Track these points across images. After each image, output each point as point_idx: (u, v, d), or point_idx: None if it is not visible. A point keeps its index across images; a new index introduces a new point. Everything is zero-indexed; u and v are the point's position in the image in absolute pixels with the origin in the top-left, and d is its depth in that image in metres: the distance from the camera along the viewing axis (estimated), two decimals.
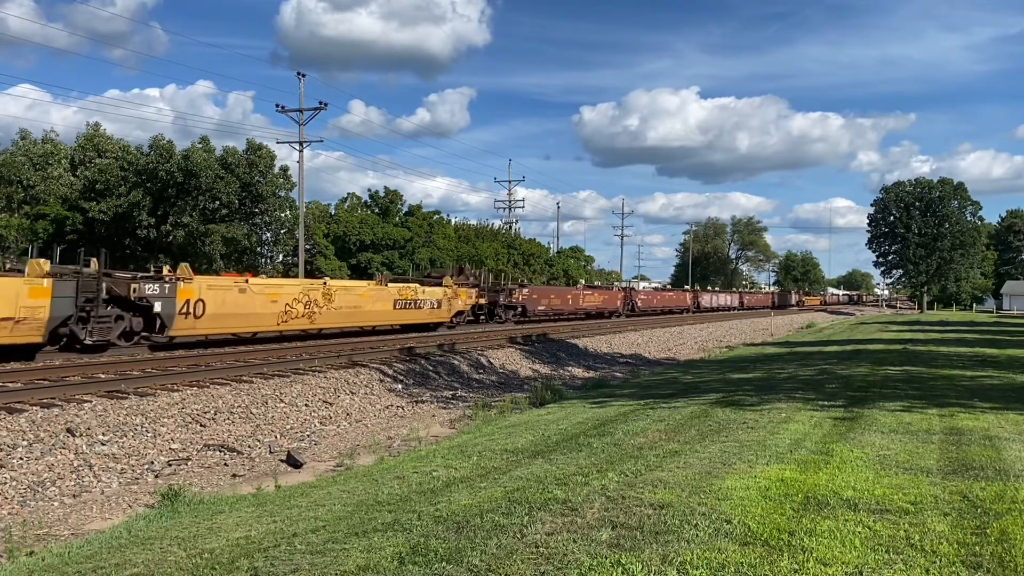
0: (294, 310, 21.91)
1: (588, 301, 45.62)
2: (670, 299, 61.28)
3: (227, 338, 21.71)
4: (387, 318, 26.95)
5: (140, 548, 5.82)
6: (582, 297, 45.21)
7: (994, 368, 18.34)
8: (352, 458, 10.60)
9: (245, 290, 20.47)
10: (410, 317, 28.06)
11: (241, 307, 20.37)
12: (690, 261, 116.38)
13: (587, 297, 46.04)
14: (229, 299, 20.03)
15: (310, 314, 22.48)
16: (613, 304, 48.84)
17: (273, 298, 21.40)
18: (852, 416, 10.00)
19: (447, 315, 30.20)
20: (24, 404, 11.28)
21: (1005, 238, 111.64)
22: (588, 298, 45.97)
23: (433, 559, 4.55)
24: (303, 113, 40.18)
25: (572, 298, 43.85)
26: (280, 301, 21.44)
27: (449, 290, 30.52)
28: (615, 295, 50.39)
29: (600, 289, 51.94)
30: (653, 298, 58.45)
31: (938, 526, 5.03)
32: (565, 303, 42.74)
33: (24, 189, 39.75)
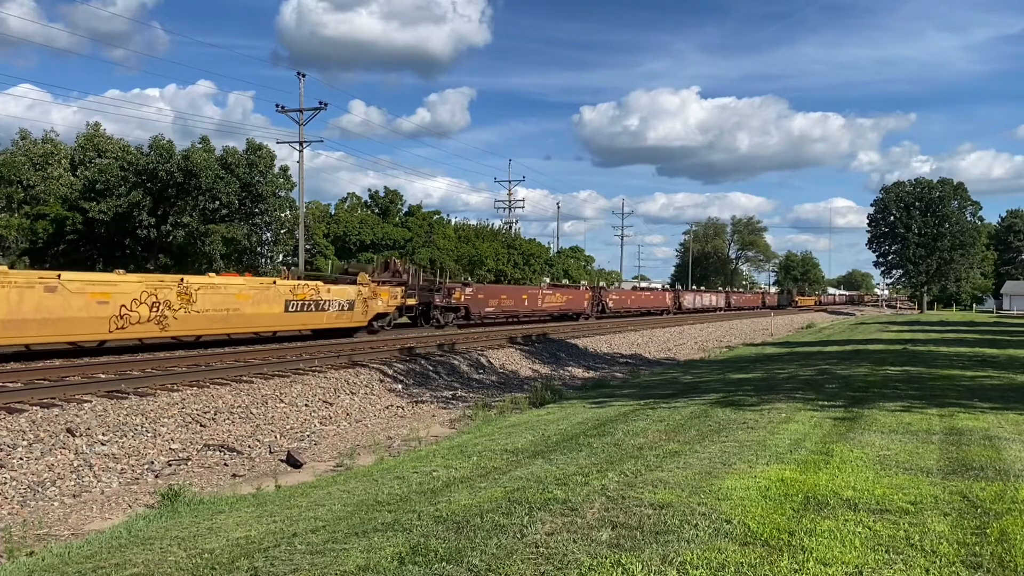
0: (135, 314, 17.90)
1: (549, 302, 40.76)
2: (647, 299, 55.89)
3: (21, 351, 16.99)
4: (276, 322, 22.38)
5: (140, 548, 5.82)
6: (542, 297, 40.26)
7: (994, 368, 18.34)
8: (352, 458, 10.60)
9: (56, 288, 16.16)
10: (309, 321, 23.54)
11: (50, 311, 16.05)
12: (690, 261, 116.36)
13: (548, 297, 41.00)
14: (29, 300, 15.63)
15: (160, 318, 18.52)
16: (579, 305, 43.84)
17: (101, 298, 17.23)
18: (852, 416, 10.01)
19: (363, 318, 25.83)
20: (24, 404, 11.28)
21: (1005, 238, 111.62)
22: (549, 299, 40.98)
23: (433, 559, 4.55)
24: (303, 113, 40.20)
25: (529, 298, 38.93)
26: (112, 303, 17.38)
27: (365, 289, 25.91)
28: (581, 295, 45.09)
29: (565, 288, 46.85)
30: (627, 298, 53.07)
31: (938, 526, 5.03)
32: (520, 304, 37.90)
33: (24, 189, 39.72)
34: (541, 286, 46.60)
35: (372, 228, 51.38)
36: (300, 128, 40.16)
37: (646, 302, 55.35)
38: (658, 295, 59.23)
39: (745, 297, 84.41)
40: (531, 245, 70.18)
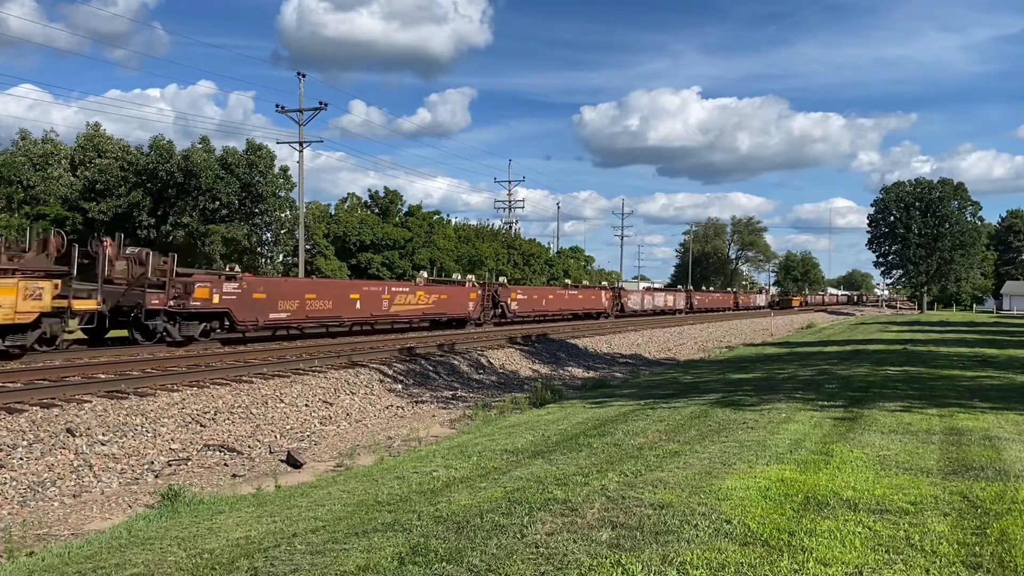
0: None
1: (402, 304, 28.02)
2: (573, 301, 43.57)
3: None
4: None
5: (140, 548, 5.82)
6: (397, 298, 27.78)
7: (994, 368, 18.34)
8: (352, 458, 10.60)
9: None
10: None
11: None
12: (690, 261, 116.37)
13: (400, 297, 28.00)
14: None
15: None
16: (461, 307, 32.16)
17: None
18: (852, 416, 10.00)
19: None
20: (24, 404, 11.27)
21: (1005, 238, 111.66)
22: (402, 298, 28.06)
23: (433, 559, 4.55)
24: (303, 113, 40.19)
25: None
26: None
27: None
28: (464, 293, 32.74)
29: (440, 286, 32.55)
30: (541, 298, 40.38)
31: (938, 526, 5.03)
32: (374, 308, 26.40)
33: (24, 189, 39.72)
34: (384, 283, 31.62)
35: (372, 228, 51.36)
36: (300, 128, 40.17)
37: (571, 303, 43.05)
38: (592, 294, 46.37)
39: (713, 297, 72.93)
40: (531, 245, 70.21)
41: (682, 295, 63.33)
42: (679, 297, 62.23)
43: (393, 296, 27.83)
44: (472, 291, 33.44)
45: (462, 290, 33.19)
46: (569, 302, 43.26)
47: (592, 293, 46.73)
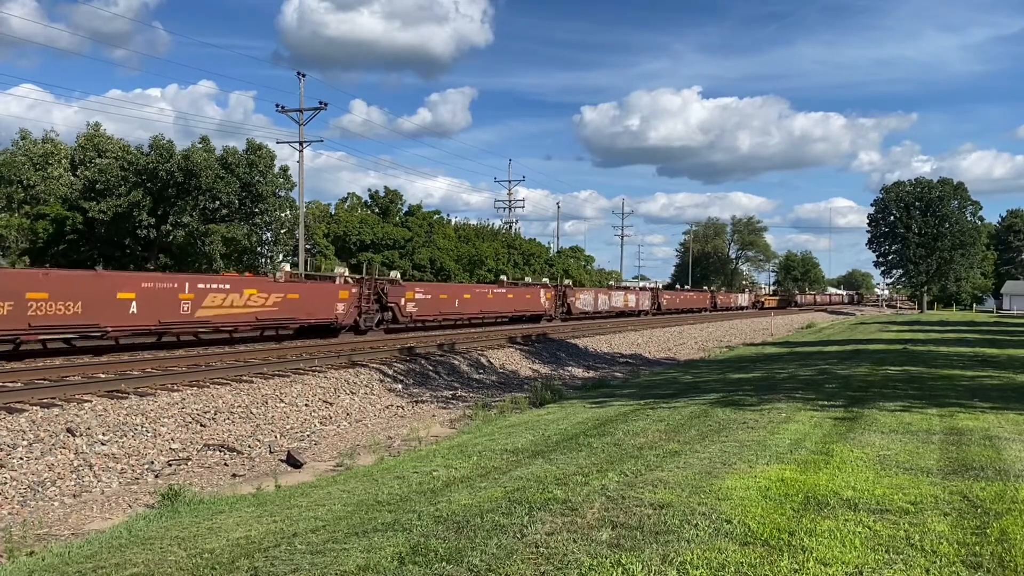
0: None
1: (214, 307, 20.01)
2: (500, 301, 35.05)
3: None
4: None
5: (140, 548, 5.82)
6: None
7: (994, 368, 18.33)
8: (352, 458, 10.60)
9: None
10: None
11: None
12: (690, 261, 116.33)
13: (211, 297, 19.98)
14: None
15: None
16: (324, 310, 24.51)
17: None
18: (852, 416, 10.00)
19: None
20: (24, 404, 11.27)
21: (1005, 238, 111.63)
22: (215, 299, 20.07)
23: (433, 559, 4.55)
24: (303, 113, 40.19)
25: None
26: None
27: None
28: (329, 292, 25.10)
29: (290, 284, 24.14)
30: (452, 298, 31.72)
31: (938, 526, 5.03)
32: None
33: (24, 189, 39.70)
34: None
35: (372, 228, 51.38)
36: (300, 128, 40.17)
37: (495, 304, 34.81)
38: (530, 292, 38.50)
39: (686, 297, 66.92)
40: (531, 245, 70.24)
41: (647, 294, 56.74)
42: (643, 297, 55.36)
43: (200, 295, 19.77)
44: (342, 288, 25.46)
45: (325, 288, 24.96)
46: (494, 303, 34.54)
47: (527, 292, 38.33)
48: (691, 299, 66.92)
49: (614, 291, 51.65)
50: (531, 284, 41.28)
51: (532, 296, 38.47)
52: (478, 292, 34.49)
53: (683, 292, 70.97)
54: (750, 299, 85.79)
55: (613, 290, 52.57)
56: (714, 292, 76.67)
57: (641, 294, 55.55)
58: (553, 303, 40.06)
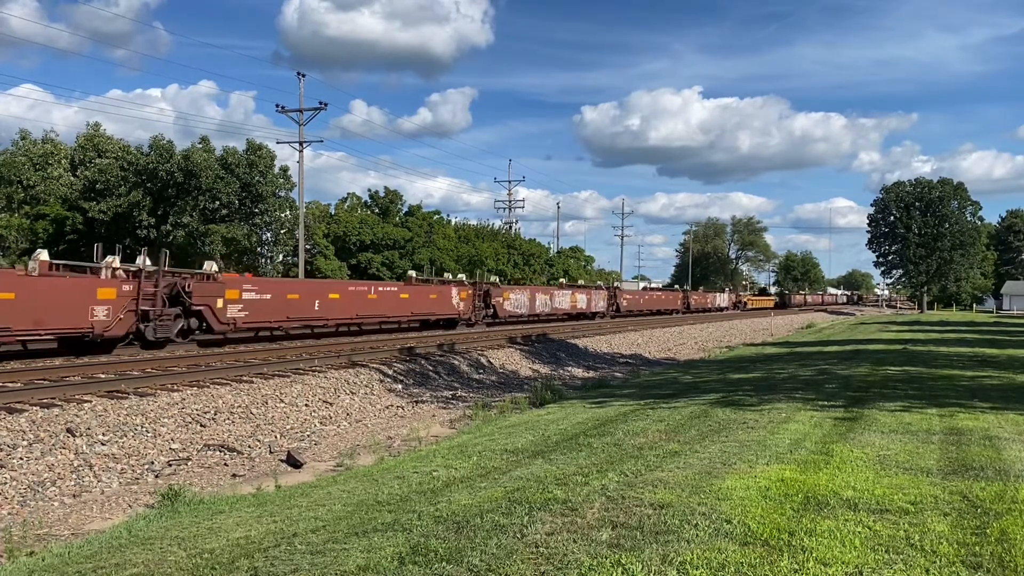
0: None
1: None
2: (381, 303, 27.52)
3: None
4: None
5: (140, 548, 5.82)
6: None
7: (994, 368, 18.33)
8: (352, 458, 10.60)
9: None
10: None
11: None
12: (690, 261, 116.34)
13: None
14: None
15: None
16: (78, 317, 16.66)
17: None
18: (852, 416, 10.00)
19: None
20: (24, 404, 11.27)
21: (1005, 238, 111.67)
22: None
23: (433, 559, 4.55)
24: (303, 113, 40.21)
25: None
26: None
27: None
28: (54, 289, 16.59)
29: None
30: (301, 298, 24.11)
31: (938, 526, 5.03)
32: None
33: (24, 189, 39.72)
34: None
35: (372, 228, 51.38)
36: (300, 128, 40.18)
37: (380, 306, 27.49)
38: (439, 291, 31.36)
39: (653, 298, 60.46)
40: (531, 245, 70.21)
41: (602, 294, 48.84)
42: (597, 297, 47.92)
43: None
44: (104, 285, 17.67)
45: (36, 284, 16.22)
46: (380, 306, 27.38)
47: (433, 291, 31.08)
48: (658, 299, 60.38)
49: (559, 291, 44.02)
50: (446, 282, 33.64)
51: (440, 296, 31.15)
52: (353, 292, 26.57)
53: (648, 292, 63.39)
54: (730, 299, 78.98)
55: (558, 289, 44.52)
56: (687, 292, 69.71)
57: (594, 294, 47.77)
58: (471, 305, 32.97)
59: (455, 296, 32.01)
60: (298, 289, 24.76)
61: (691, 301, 66.14)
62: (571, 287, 47.49)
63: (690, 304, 65.18)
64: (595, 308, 46.88)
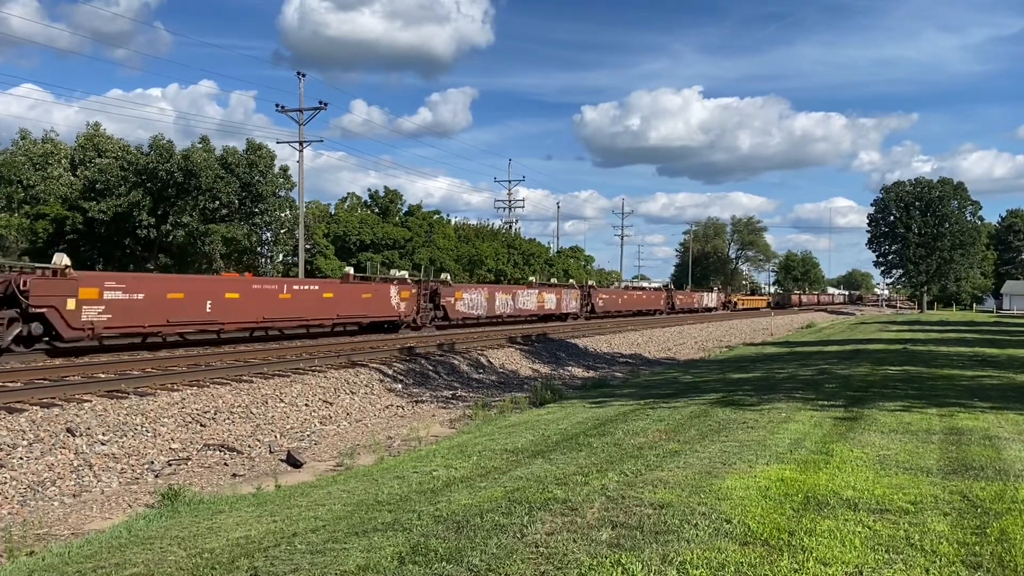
0: None
1: None
2: (297, 304, 23.48)
3: None
4: None
5: (140, 548, 5.82)
6: None
7: (994, 368, 18.33)
8: (352, 458, 10.60)
9: None
10: None
11: None
12: (690, 261, 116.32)
13: None
14: None
15: None
16: None
17: None
18: (852, 416, 10.00)
19: None
20: (24, 404, 11.27)
21: (1005, 238, 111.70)
22: None
23: (433, 559, 4.55)
24: (303, 113, 40.19)
25: None
26: None
27: None
28: None
29: None
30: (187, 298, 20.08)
31: (938, 526, 5.03)
32: None
33: (24, 189, 39.70)
34: None
35: (372, 228, 51.41)
36: (300, 128, 40.17)
37: None
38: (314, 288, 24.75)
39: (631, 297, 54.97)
40: (531, 245, 70.22)
41: (573, 294, 43.87)
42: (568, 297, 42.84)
43: None
44: None
45: None
46: (295, 307, 23.39)
47: (366, 290, 27.07)
48: (638, 299, 55.27)
49: (524, 290, 39.18)
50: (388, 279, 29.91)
51: (376, 296, 27.21)
52: (259, 291, 22.28)
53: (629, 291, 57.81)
54: (719, 299, 74.39)
55: (523, 289, 39.77)
56: (671, 291, 64.95)
57: (565, 293, 42.97)
58: (415, 305, 29.34)
59: (394, 296, 28.14)
60: (183, 287, 20.33)
61: (676, 301, 62.16)
62: (540, 286, 42.23)
63: (675, 304, 61.39)
64: (566, 309, 42.61)
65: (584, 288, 46.52)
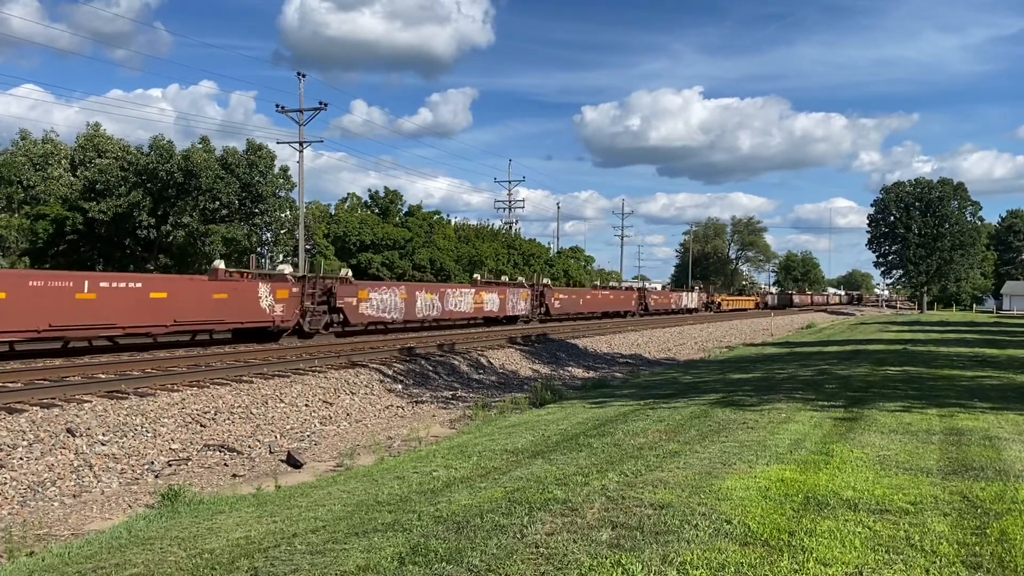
0: None
1: None
2: (100, 306, 17.17)
3: None
4: None
5: (140, 548, 5.82)
6: None
7: (994, 368, 18.33)
8: (352, 458, 10.60)
9: None
10: None
11: None
12: (690, 261, 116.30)
13: None
14: None
15: None
16: None
17: None
18: (852, 416, 10.00)
19: None
20: (24, 404, 11.27)
21: (1005, 238, 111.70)
22: None
23: (433, 559, 4.55)
24: (303, 113, 40.20)
25: None
26: None
27: None
28: None
29: None
30: None
31: (938, 526, 5.03)
32: None
33: (24, 189, 39.69)
34: None
35: (372, 228, 51.39)
36: (300, 128, 40.17)
37: None
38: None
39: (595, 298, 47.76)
40: (531, 245, 70.22)
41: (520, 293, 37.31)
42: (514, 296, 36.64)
43: None
44: None
45: None
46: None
47: (224, 288, 21.06)
48: (604, 300, 48.48)
49: (456, 290, 32.61)
50: (266, 275, 24.29)
51: (236, 296, 21.33)
52: (40, 288, 16.35)
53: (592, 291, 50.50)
54: (700, 299, 68.06)
55: (455, 288, 33.12)
56: (644, 291, 58.15)
57: (511, 293, 36.25)
58: (298, 307, 23.59)
59: (265, 296, 22.36)
60: None
61: (650, 302, 55.67)
62: (481, 285, 35.62)
63: (648, 305, 54.96)
64: (512, 311, 36.13)
65: (536, 287, 39.99)
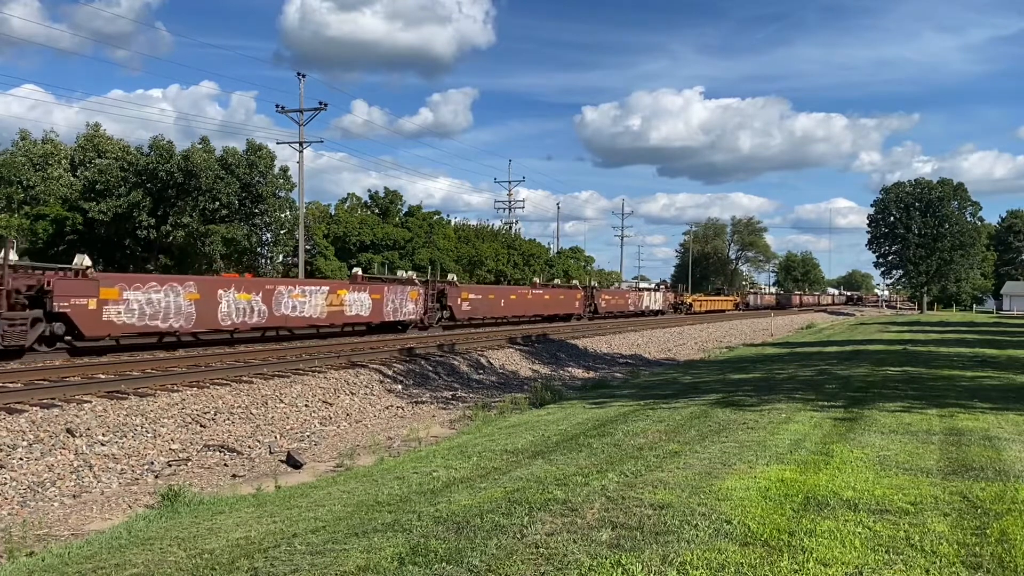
0: None
1: None
2: None
3: None
4: None
5: (140, 548, 5.82)
6: None
7: (994, 368, 18.33)
8: (352, 458, 10.59)
9: None
10: None
11: None
12: (690, 262, 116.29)
13: None
14: None
15: None
16: None
17: None
18: (852, 416, 10.00)
19: None
20: (24, 404, 11.27)
21: (1005, 238, 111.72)
22: None
23: (433, 559, 4.55)
24: (303, 113, 40.21)
25: None
26: None
27: None
28: None
29: None
30: None
31: (938, 526, 5.03)
32: None
33: (24, 189, 39.69)
34: None
35: (372, 228, 51.42)
36: (300, 128, 40.19)
37: None
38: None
39: (520, 299, 37.78)
40: (531, 245, 70.20)
41: (415, 290, 28.94)
42: (398, 296, 27.91)
43: None
44: None
45: None
46: None
47: None
48: (536, 301, 39.41)
49: (304, 288, 24.44)
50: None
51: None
52: None
53: (519, 289, 41.59)
54: (666, 300, 59.51)
55: (302, 286, 24.59)
56: (593, 290, 48.34)
57: (396, 293, 27.97)
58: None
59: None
60: None
61: (600, 303, 47.47)
62: (368, 281, 28.21)
63: (598, 307, 46.92)
64: (395, 315, 27.96)
65: (432, 284, 30.90)
